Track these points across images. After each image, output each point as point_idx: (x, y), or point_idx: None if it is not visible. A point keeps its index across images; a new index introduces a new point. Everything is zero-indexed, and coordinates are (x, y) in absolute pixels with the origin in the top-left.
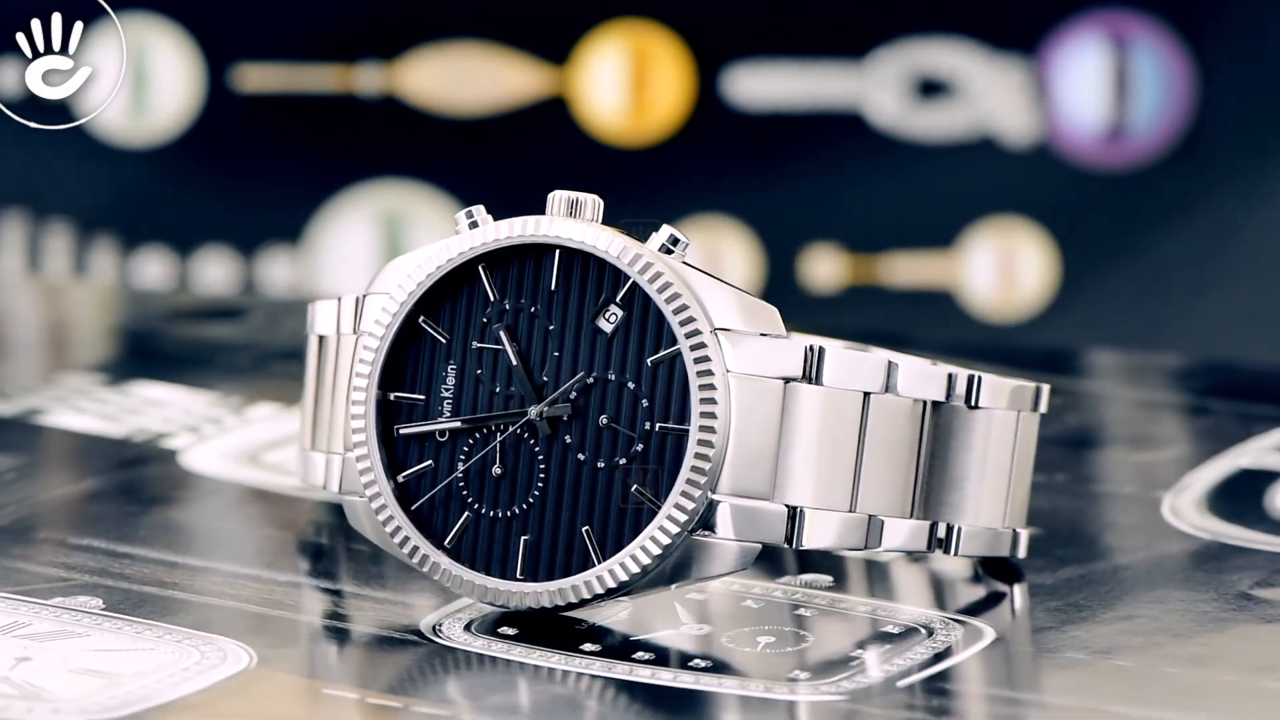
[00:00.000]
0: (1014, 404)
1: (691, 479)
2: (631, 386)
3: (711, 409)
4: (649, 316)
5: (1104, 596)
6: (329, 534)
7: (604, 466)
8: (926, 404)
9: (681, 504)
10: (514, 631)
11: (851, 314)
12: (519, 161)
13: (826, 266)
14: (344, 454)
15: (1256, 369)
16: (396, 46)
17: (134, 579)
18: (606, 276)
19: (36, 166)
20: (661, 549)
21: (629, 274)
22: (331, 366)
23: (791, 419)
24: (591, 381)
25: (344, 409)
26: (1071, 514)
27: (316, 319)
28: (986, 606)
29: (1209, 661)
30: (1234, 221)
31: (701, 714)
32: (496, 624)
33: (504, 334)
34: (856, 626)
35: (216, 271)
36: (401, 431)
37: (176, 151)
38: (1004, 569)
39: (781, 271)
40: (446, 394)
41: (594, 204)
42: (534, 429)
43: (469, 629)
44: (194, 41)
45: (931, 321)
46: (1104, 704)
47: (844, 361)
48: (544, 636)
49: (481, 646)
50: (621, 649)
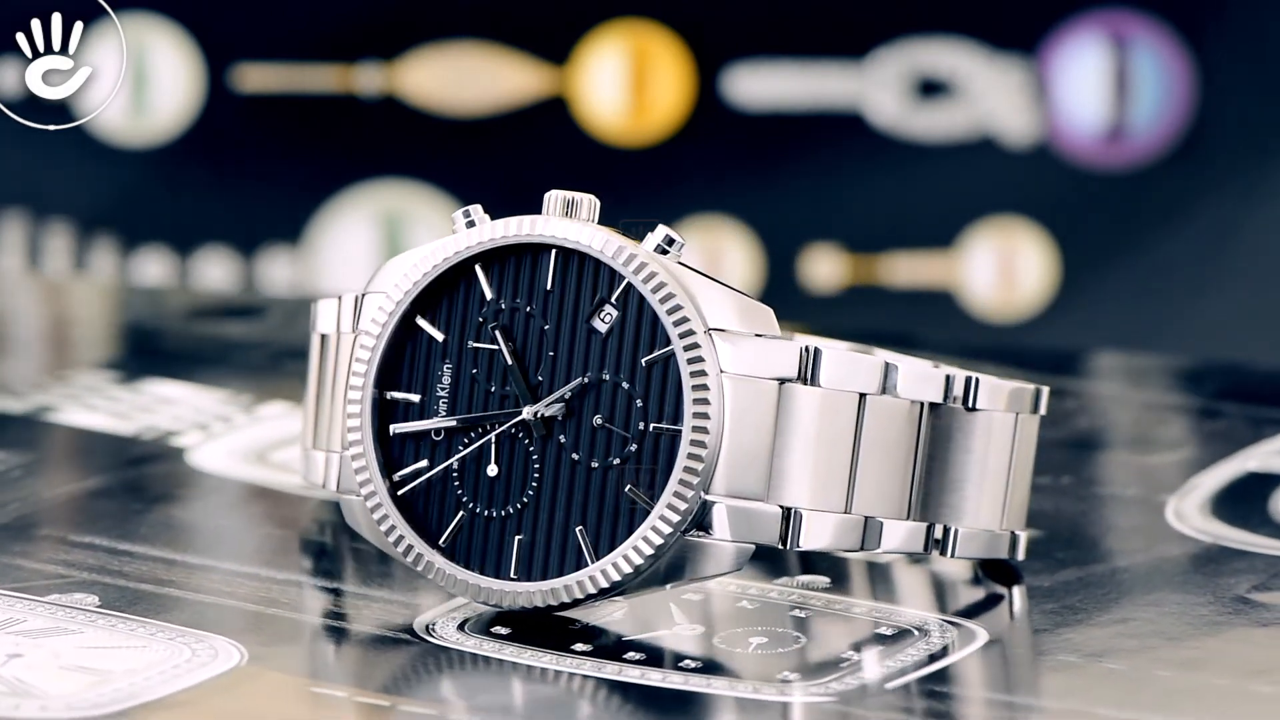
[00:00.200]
0: (1012, 406)
1: (684, 479)
2: (626, 387)
3: (704, 409)
4: (643, 317)
5: (1100, 599)
6: (332, 532)
7: (598, 467)
8: (924, 405)
9: (674, 504)
10: (506, 631)
11: (851, 314)
12: (519, 161)
13: (826, 266)
14: (342, 453)
15: (1270, 371)
16: (396, 46)
17: (132, 576)
18: (602, 276)
19: (36, 166)
20: (654, 549)
21: (624, 274)
22: (332, 365)
23: (786, 420)
24: (586, 382)
25: (342, 407)
26: (1074, 516)
27: (319, 317)
28: (983, 609)
29: (1201, 665)
30: (1234, 222)
31: (688, 714)
32: (490, 624)
33: (499, 333)
34: (850, 628)
35: (216, 271)
36: (397, 430)
37: (176, 151)
38: (1003, 571)
39: (781, 271)
40: (442, 393)
41: (590, 204)
42: (529, 429)
43: (462, 628)
44: (194, 41)
45: (931, 322)
46: (1093, 707)
47: (841, 363)
48: (537, 636)
49: (473, 646)
50: (614, 649)
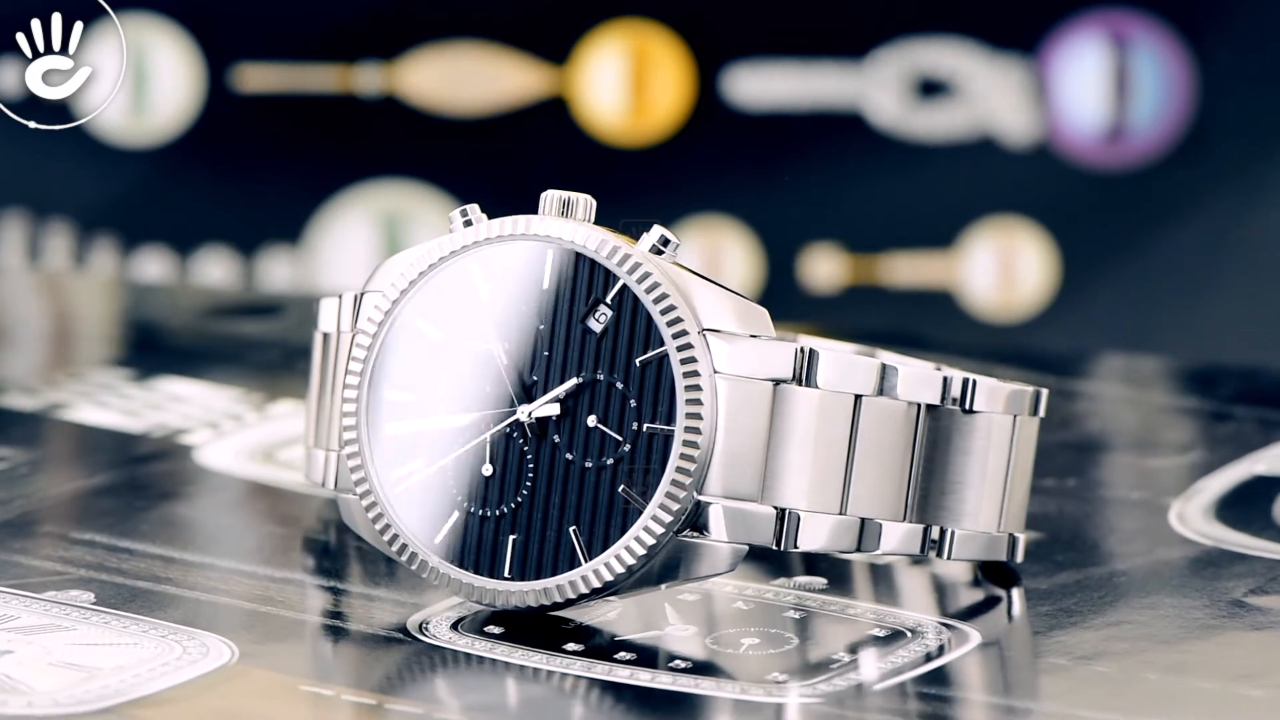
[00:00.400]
0: (1011, 408)
1: (677, 479)
2: (620, 387)
3: (697, 410)
4: (637, 317)
5: (1096, 602)
6: (335, 531)
7: (592, 467)
8: (921, 407)
9: (666, 504)
10: (499, 631)
11: (851, 314)
12: (519, 162)
13: (826, 266)
14: (339, 451)
15: None
16: (396, 46)
17: (129, 574)
18: (597, 277)
19: (36, 166)
20: (646, 549)
21: (618, 274)
22: (333, 364)
23: (781, 421)
24: (581, 382)
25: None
26: (1077, 519)
27: (322, 316)
28: (980, 611)
29: (1190, 668)
30: (1234, 222)
31: (674, 714)
32: (483, 623)
33: (494, 333)
34: (844, 629)
35: (216, 271)
36: (392, 430)
37: (176, 151)
38: (1001, 573)
39: (781, 271)
40: (438, 393)
41: (586, 204)
42: (523, 429)
43: (455, 628)
44: (194, 41)
45: (931, 322)
46: (1077, 709)
47: (837, 364)
48: (530, 636)
49: (465, 645)
50: (606, 649)
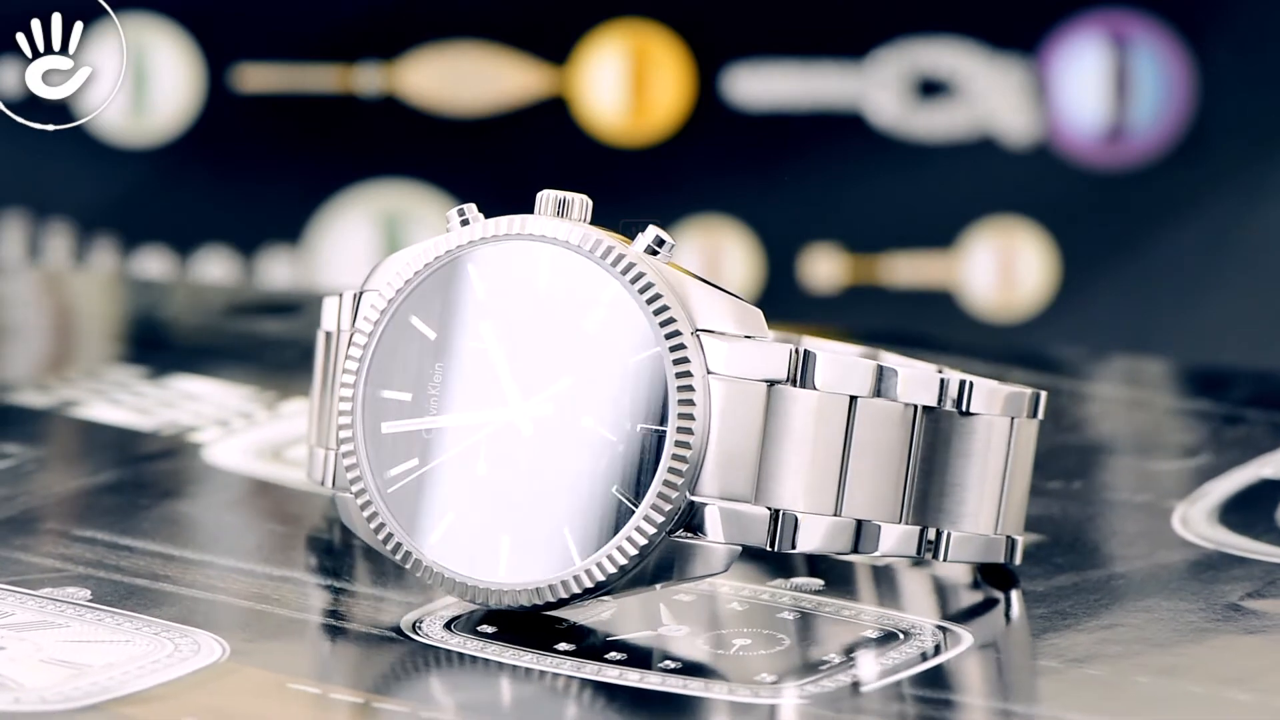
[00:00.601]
0: (1008, 410)
1: (668, 480)
2: (614, 387)
3: (689, 410)
4: (631, 317)
5: (1091, 605)
6: (339, 530)
7: (585, 466)
8: (918, 409)
9: (658, 505)
10: (492, 630)
11: (851, 314)
12: (519, 162)
13: (826, 266)
14: (336, 450)
15: None
16: (396, 46)
17: (127, 571)
18: (591, 277)
19: (36, 166)
20: (638, 549)
21: (611, 274)
22: (334, 362)
23: (775, 422)
24: (575, 382)
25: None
26: (1080, 521)
27: (325, 314)
28: (977, 613)
29: (1181, 672)
30: (1234, 222)
31: (658, 714)
32: (476, 622)
33: (489, 332)
34: (836, 630)
35: (216, 271)
36: (388, 429)
37: (176, 151)
38: (1000, 575)
39: (781, 271)
40: (433, 391)
41: (582, 204)
42: (517, 428)
43: (449, 627)
44: (194, 41)
45: (931, 322)
46: (1065, 712)
47: (833, 365)
48: (524, 635)
49: (457, 645)
50: (598, 649)
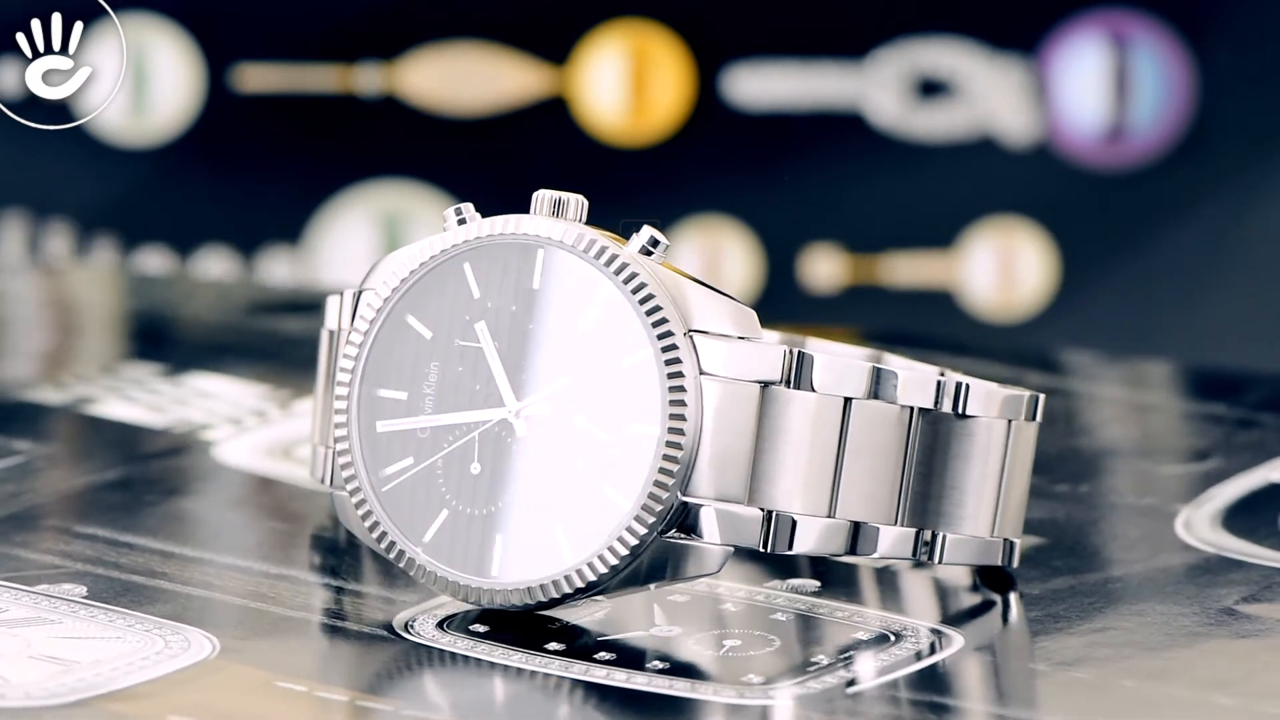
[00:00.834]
0: (1006, 412)
1: (659, 480)
2: (607, 387)
3: (680, 410)
4: (624, 318)
5: (1085, 608)
6: (342, 528)
7: (579, 466)
8: (915, 411)
9: (649, 505)
10: (484, 629)
11: (851, 314)
12: (519, 162)
13: (826, 266)
14: (333, 448)
15: None
16: (396, 46)
17: (125, 568)
18: (586, 277)
19: (36, 166)
20: (629, 549)
21: (605, 275)
22: (335, 361)
23: (769, 423)
24: (569, 382)
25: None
26: (1082, 524)
27: (328, 313)
28: (972, 616)
29: (1168, 675)
30: (1234, 222)
31: (643, 714)
32: (470, 622)
33: (485, 332)
34: (827, 632)
35: (216, 271)
36: (383, 428)
37: (176, 151)
38: (998, 578)
39: (781, 271)
40: (429, 391)
41: (578, 204)
42: (511, 428)
43: (442, 626)
44: (194, 41)
45: (931, 322)
46: (1051, 716)
47: (829, 367)
48: (516, 635)
49: (448, 644)
50: (588, 649)
